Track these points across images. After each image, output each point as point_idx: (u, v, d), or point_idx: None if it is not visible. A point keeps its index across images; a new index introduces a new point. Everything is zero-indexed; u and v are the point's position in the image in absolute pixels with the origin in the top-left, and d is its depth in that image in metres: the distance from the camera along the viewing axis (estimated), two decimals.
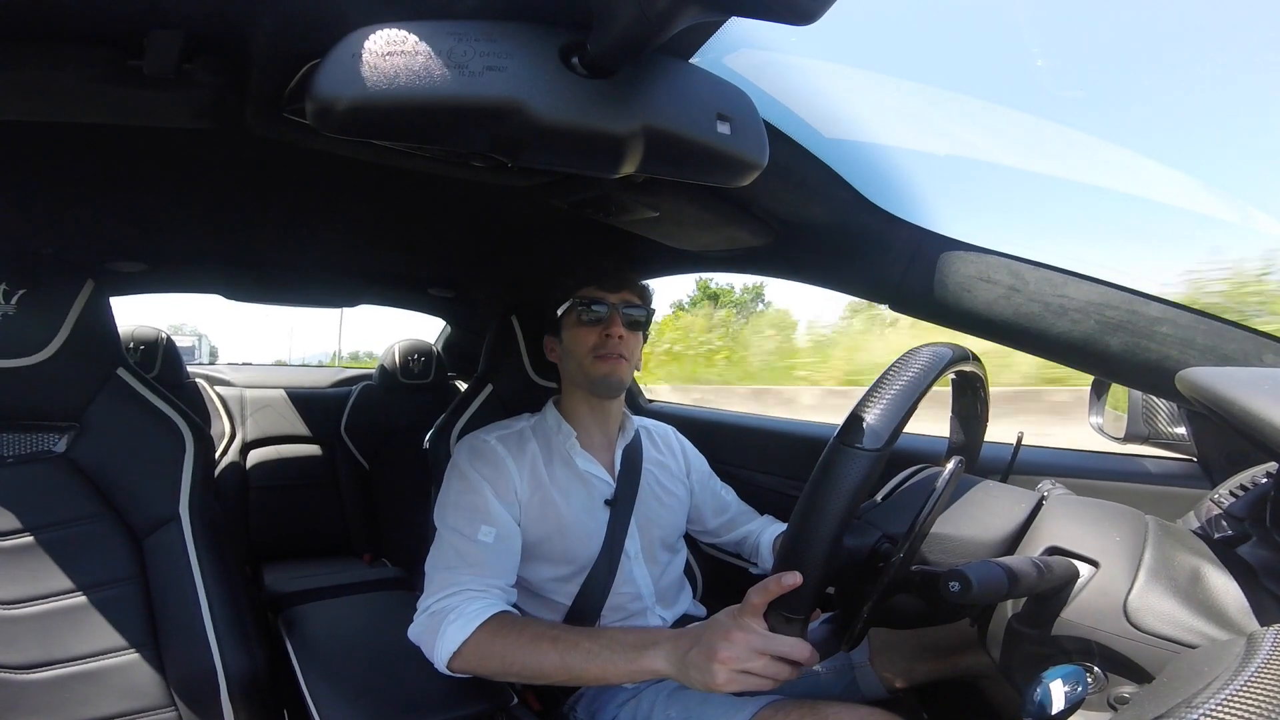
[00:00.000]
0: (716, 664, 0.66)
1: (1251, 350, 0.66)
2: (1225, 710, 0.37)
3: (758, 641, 0.65)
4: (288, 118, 0.63)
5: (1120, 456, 1.03)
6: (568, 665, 0.78)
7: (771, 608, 0.63)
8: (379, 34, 0.46)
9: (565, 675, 0.79)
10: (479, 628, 0.83)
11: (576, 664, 0.78)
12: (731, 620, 0.67)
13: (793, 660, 0.65)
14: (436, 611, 0.87)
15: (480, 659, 0.83)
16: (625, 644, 0.77)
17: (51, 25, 0.53)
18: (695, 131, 0.56)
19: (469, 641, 0.83)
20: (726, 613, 0.69)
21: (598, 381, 1.03)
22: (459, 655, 0.83)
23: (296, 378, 2.70)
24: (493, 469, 0.98)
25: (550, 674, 0.80)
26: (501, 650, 0.82)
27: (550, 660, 0.79)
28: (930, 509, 0.60)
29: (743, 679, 0.66)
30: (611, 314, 1.02)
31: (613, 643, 0.78)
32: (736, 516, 1.24)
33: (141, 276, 1.69)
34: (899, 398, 0.58)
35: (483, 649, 0.83)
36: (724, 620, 0.68)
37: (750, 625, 0.65)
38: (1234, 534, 0.63)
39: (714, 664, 0.66)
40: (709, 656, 0.67)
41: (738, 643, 0.65)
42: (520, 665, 0.81)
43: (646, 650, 0.75)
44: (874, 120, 0.86)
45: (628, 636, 0.78)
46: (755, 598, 0.64)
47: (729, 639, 0.66)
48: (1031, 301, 0.77)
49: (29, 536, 0.87)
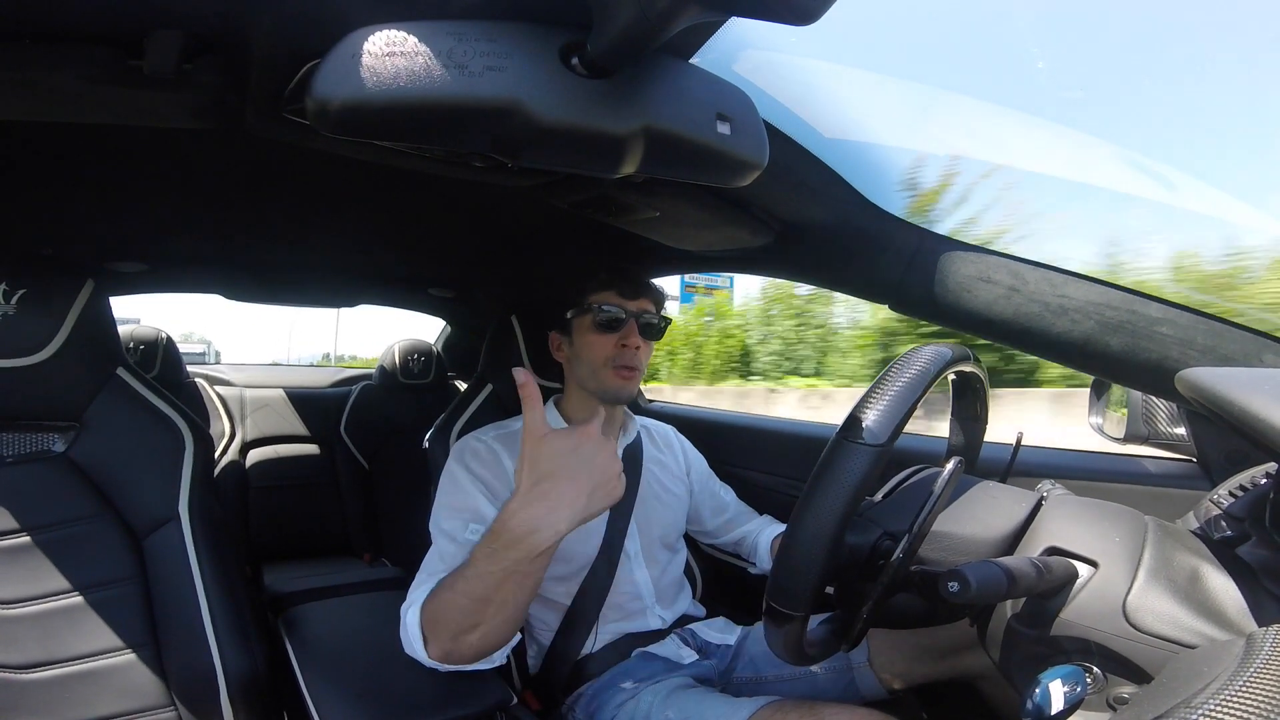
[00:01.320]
0: (609, 487, 0.75)
1: (1251, 350, 0.66)
2: (1224, 710, 0.37)
3: (606, 446, 0.75)
4: (288, 118, 0.63)
5: (1120, 457, 1.03)
6: (481, 596, 0.75)
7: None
8: (379, 34, 0.46)
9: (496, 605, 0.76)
10: (422, 607, 0.80)
11: (488, 590, 0.75)
12: (594, 445, 0.74)
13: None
14: (402, 611, 0.84)
15: (440, 635, 0.79)
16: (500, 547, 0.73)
17: (51, 25, 0.53)
18: (695, 132, 0.56)
19: (423, 624, 0.79)
20: (540, 443, 0.73)
21: (609, 392, 1.02)
22: (428, 642, 0.80)
23: (296, 377, 2.70)
24: (488, 469, 0.98)
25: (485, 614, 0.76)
26: (438, 615, 0.78)
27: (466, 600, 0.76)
28: (930, 508, 0.60)
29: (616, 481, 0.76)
30: (630, 323, 1.02)
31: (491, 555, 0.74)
32: (735, 516, 1.24)
33: (141, 277, 1.69)
34: (900, 396, 0.58)
35: (434, 622, 0.79)
36: (563, 454, 0.73)
37: (584, 446, 0.74)
38: (1233, 534, 0.63)
39: (602, 491, 0.74)
40: (592, 489, 0.73)
41: (594, 458, 0.74)
42: (457, 622, 0.77)
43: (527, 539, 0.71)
44: (874, 120, 0.86)
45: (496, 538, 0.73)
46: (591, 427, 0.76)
47: (584, 461, 0.73)
48: (1031, 301, 0.77)
49: (29, 536, 0.87)
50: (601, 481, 0.74)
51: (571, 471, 0.72)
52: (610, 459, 0.75)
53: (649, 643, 1.05)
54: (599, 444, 0.75)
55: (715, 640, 1.11)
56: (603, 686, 0.99)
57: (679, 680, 0.97)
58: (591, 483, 0.73)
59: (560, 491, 0.72)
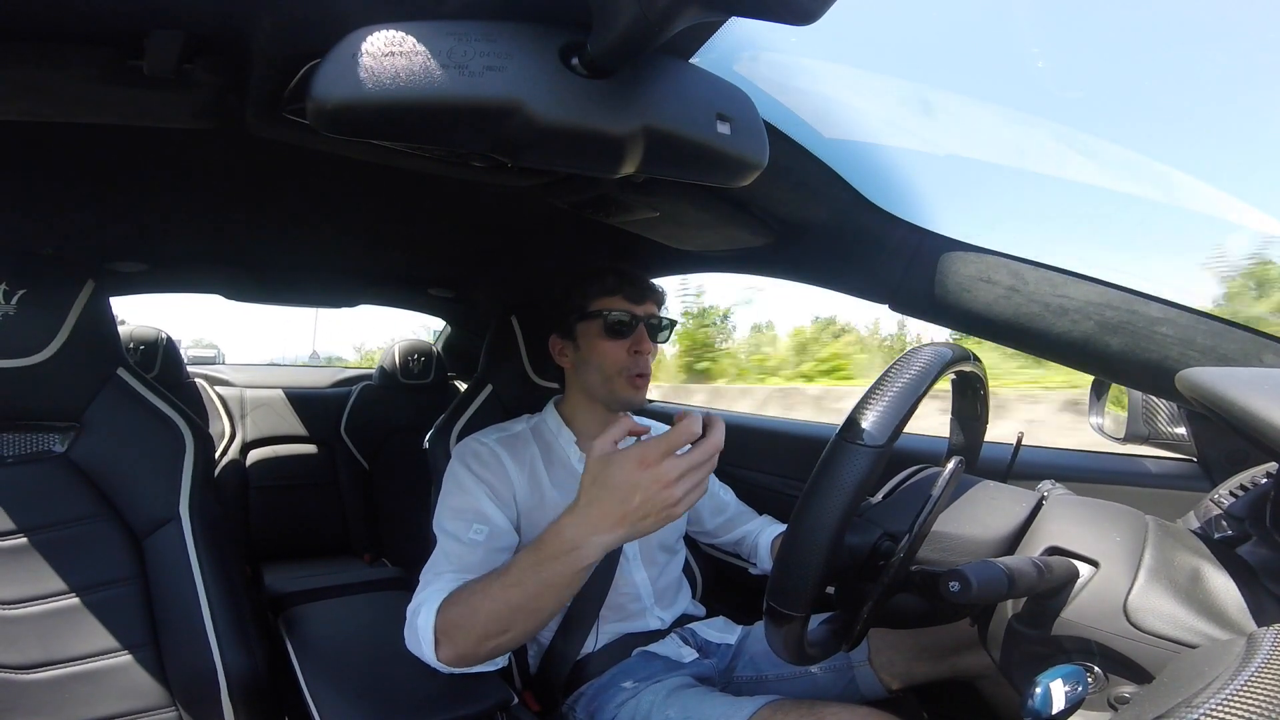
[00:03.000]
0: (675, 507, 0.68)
1: (1251, 350, 0.66)
2: (1225, 710, 0.37)
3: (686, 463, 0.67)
4: (288, 118, 0.63)
5: (1120, 456, 1.03)
6: (516, 605, 0.75)
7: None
8: (379, 34, 0.46)
9: (529, 614, 0.76)
10: (439, 609, 0.81)
11: (526, 600, 0.75)
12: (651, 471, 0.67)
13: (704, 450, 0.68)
14: (410, 611, 0.85)
15: (455, 638, 0.79)
16: (545, 558, 0.73)
17: (51, 25, 0.53)
18: (695, 131, 0.56)
19: (437, 626, 0.80)
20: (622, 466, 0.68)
21: (621, 401, 1.02)
22: (439, 645, 0.80)
23: (296, 377, 2.70)
24: (491, 472, 0.98)
25: (518, 620, 0.76)
26: (463, 620, 0.79)
27: (500, 606, 0.76)
28: (931, 509, 0.60)
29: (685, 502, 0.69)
30: (640, 327, 1.01)
31: (536, 565, 0.74)
32: (735, 516, 1.24)
33: (141, 277, 1.68)
34: (900, 396, 0.58)
35: (451, 627, 0.79)
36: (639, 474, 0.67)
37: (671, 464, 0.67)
38: (1234, 534, 0.63)
39: (671, 509, 0.68)
40: (664, 508, 0.68)
41: (651, 485, 0.67)
42: (484, 627, 0.77)
43: (573, 553, 0.71)
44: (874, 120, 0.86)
45: (542, 549, 0.74)
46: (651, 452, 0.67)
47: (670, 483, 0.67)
48: (1031, 301, 0.77)
49: (29, 537, 0.87)
50: (659, 505, 0.69)
51: (627, 492, 0.68)
52: (672, 483, 0.68)
53: (649, 642, 1.05)
54: (664, 466, 0.68)
55: (715, 639, 1.11)
56: (603, 686, 0.99)
57: (679, 680, 0.97)
58: (649, 505, 0.69)
59: (615, 509, 0.69)
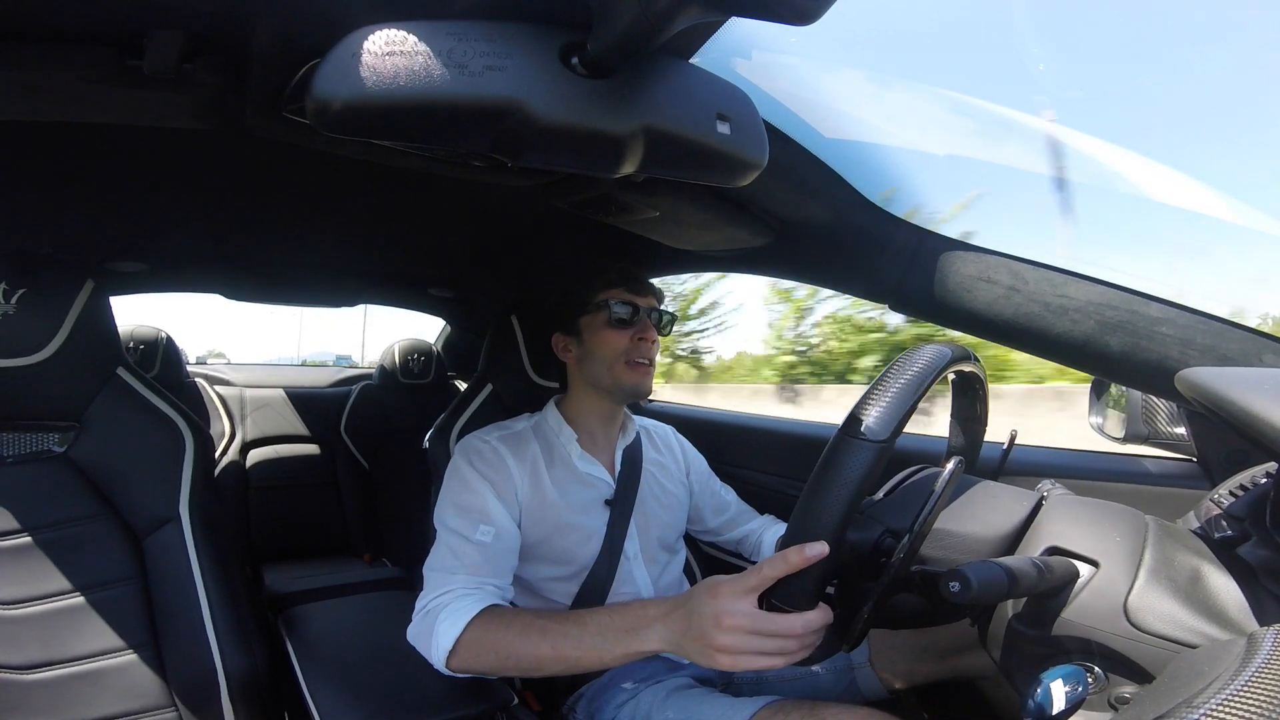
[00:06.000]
0: (717, 653, 0.65)
1: (1251, 350, 0.66)
2: (1226, 710, 0.37)
3: (751, 624, 0.64)
4: (288, 118, 0.63)
5: (1120, 456, 1.03)
6: (562, 655, 0.77)
7: (772, 602, 0.63)
8: (379, 34, 0.46)
9: (562, 665, 0.78)
10: (470, 623, 0.82)
11: (570, 652, 0.77)
12: (719, 602, 0.65)
13: (794, 636, 0.63)
14: (430, 611, 0.87)
15: (475, 655, 0.82)
16: (616, 628, 0.76)
17: (51, 25, 0.53)
18: (695, 131, 0.56)
19: (462, 638, 0.82)
20: (709, 589, 0.67)
21: (626, 389, 1.03)
22: (455, 654, 0.82)
23: (296, 377, 2.70)
24: (494, 470, 0.98)
25: (546, 666, 0.79)
26: (494, 644, 0.81)
27: (544, 651, 0.78)
28: (932, 507, 0.60)
29: (746, 661, 0.65)
30: (645, 317, 1.02)
31: (604, 628, 0.76)
32: (736, 516, 1.24)
33: (141, 276, 1.69)
34: (902, 394, 0.58)
35: (476, 645, 0.82)
36: (711, 603, 0.66)
37: (739, 609, 0.64)
38: (1234, 534, 0.63)
39: (714, 653, 0.65)
40: (707, 644, 0.66)
41: (732, 630, 0.64)
42: (515, 659, 0.80)
43: (638, 633, 0.74)
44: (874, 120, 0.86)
45: (617, 619, 0.77)
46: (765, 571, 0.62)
47: (721, 626, 0.64)
48: (1031, 301, 0.77)
49: (29, 537, 0.87)
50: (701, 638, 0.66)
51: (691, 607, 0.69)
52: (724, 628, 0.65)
53: None
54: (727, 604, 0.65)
55: None
56: (603, 687, 0.98)
57: (679, 680, 0.97)
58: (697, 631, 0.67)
59: (681, 620, 0.70)
